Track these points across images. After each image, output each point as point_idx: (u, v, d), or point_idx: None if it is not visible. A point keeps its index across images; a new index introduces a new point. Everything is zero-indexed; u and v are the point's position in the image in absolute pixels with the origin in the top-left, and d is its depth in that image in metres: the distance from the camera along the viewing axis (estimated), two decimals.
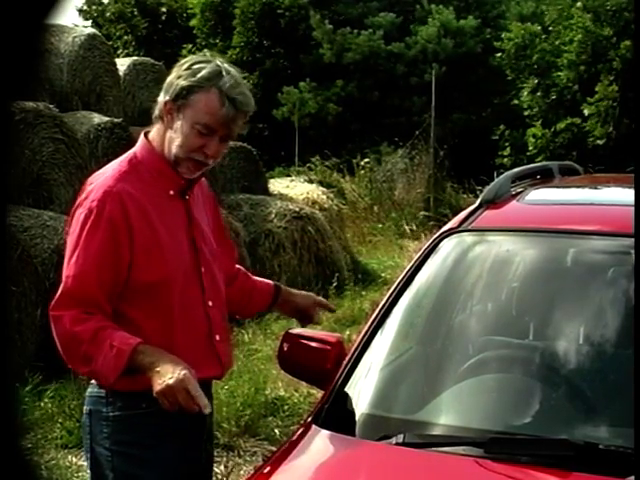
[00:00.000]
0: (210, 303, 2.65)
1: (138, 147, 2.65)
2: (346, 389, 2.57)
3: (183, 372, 2.35)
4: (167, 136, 2.58)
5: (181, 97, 2.53)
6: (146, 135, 2.64)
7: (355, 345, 2.69)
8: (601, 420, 2.38)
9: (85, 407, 2.67)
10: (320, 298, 3.14)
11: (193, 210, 2.67)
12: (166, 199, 2.60)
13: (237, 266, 3.00)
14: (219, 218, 2.93)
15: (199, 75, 2.52)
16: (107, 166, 2.66)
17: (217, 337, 2.67)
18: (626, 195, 2.79)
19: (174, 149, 2.55)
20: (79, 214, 2.52)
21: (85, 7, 24.45)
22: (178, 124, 2.54)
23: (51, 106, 7.52)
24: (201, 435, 2.68)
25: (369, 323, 2.75)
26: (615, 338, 2.55)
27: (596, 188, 3.60)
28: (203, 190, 2.81)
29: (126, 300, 2.53)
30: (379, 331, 2.70)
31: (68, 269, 2.50)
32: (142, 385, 2.49)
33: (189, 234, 2.63)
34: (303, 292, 3.13)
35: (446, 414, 2.49)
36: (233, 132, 2.60)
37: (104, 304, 2.49)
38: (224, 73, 2.54)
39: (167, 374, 2.35)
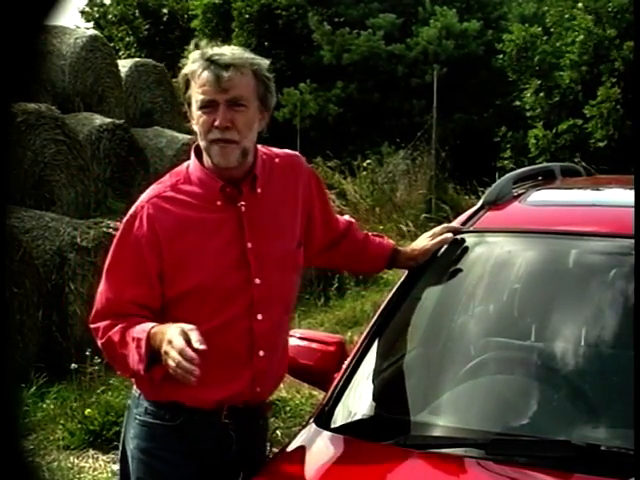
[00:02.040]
0: (260, 316, 2.49)
1: (190, 160, 2.56)
2: (348, 390, 2.57)
3: (168, 336, 2.24)
4: (198, 135, 2.50)
5: (187, 93, 2.48)
6: (197, 147, 2.55)
7: (357, 346, 2.69)
8: (603, 421, 2.38)
9: (128, 401, 2.68)
10: (438, 236, 2.83)
11: (251, 216, 2.50)
12: (213, 211, 2.48)
13: (350, 225, 2.82)
14: (319, 197, 2.71)
15: (185, 69, 2.48)
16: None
17: (261, 353, 2.51)
18: (628, 196, 2.79)
19: (200, 144, 2.49)
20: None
21: (87, 9, 24.50)
22: (193, 121, 2.49)
23: (53, 107, 7.54)
24: (224, 459, 2.55)
25: (371, 324, 2.75)
26: (617, 339, 2.55)
27: (598, 189, 3.60)
28: (286, 177, 2.61)
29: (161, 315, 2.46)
30: (381, 332, 2.70)
31: (101, 286, 2.50)
32: (165, 396, 2.47)
33: (241, 245, 2.48)
34: (420, 246, 2.83)
35: (448, 415, 2.49)
36: (238, 94, 2.42)
37: (139, 311, 2.42)
38: (201, 50, 2.47)
39: (161, 344, 2.26)
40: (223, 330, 2.45)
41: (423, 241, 2.85)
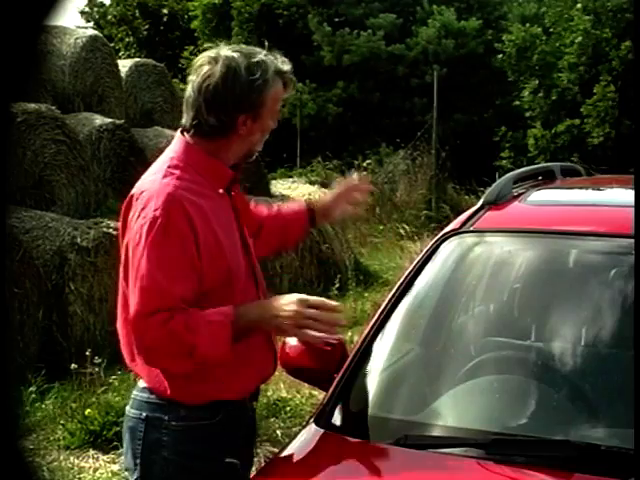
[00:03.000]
0: (262, 297, 2.58)
1: (178, 150, 2.51)
2: (348, 390, 2.57)
3: (290, 299, 2.37)
4: (247, 142, 2.54)
5: (257, 106, 2.47)
6: (183, 135, 2.52)
7: (357, 346, 2.69)
8: (603, 421, 2.38)
9: (136, 411, 2.52)
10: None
11: (238, 205, 2.60)
12: (218, 200, 2.51)
13: (264, 210, 2.91)
14: None
15: (260, 76, 2.46)
16: (148, 174, 2.51)
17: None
18: (628, 196, 2.79)
19: (257, 148, 2.58)
20: (141, 225, 2.37)
21: (87, 9, 24.53)
22: (256, 126, 2.51)
23: (53, 108, 7.53)
24: (248, 439, 2.63)
25: (371, 324, 2.75)
26: (616, 339, 2.55)
27: (598, 189, 3.60)
28: None
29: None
30: (381, 332, 2.70)
31: (144, 282, 2.35)
32: (206, 397, 2.46)
33: (240, 232, 2.56)
34: (332, 195, 2.93)
35: (448, 415, 2.49)
36: None
37: (185, 306, 2.36)
38: (267, 58, 2.50)
39: (278, 312, 2.36)
40: None
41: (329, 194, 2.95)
